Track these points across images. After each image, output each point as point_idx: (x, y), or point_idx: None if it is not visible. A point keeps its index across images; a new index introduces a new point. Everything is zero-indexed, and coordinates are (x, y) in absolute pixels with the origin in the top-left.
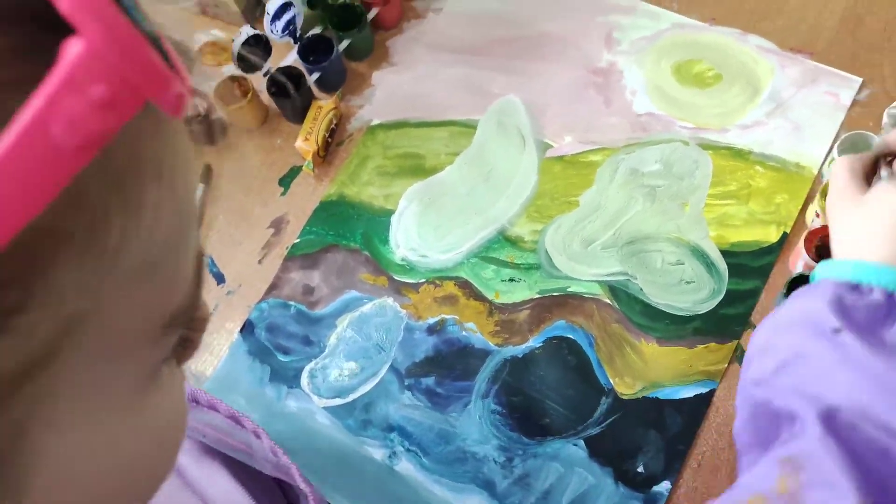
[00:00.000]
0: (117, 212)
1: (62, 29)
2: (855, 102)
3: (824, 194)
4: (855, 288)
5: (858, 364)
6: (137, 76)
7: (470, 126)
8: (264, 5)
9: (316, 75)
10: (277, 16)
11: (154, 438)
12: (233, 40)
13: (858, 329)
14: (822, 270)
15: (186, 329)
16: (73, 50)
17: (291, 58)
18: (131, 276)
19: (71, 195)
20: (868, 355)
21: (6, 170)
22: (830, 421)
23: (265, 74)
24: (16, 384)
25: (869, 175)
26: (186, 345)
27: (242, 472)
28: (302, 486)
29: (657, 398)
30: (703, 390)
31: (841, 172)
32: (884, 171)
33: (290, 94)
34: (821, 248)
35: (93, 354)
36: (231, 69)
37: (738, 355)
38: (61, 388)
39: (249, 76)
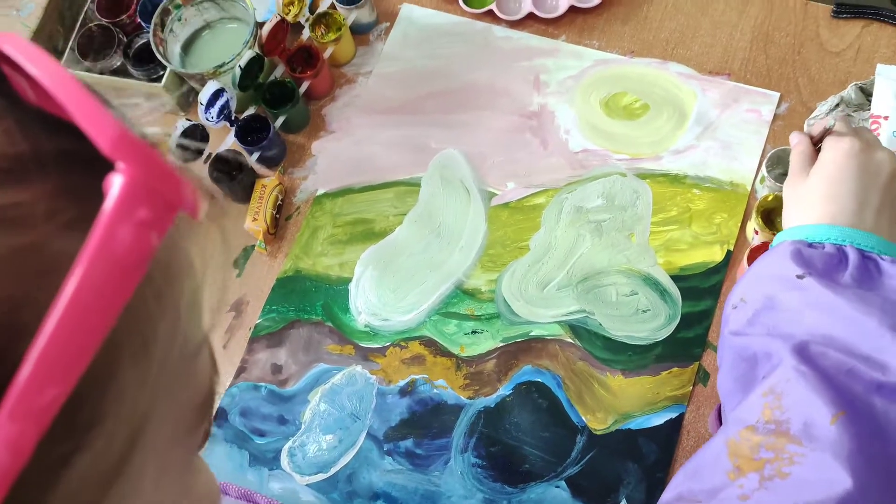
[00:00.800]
0: (161, 316)
1: (94, 165)
2: (776, 117)
3: (760, 211)
4: (809, 245)
5: (822, 303)
6: (168, 192)
7: (414, 184)
8: (197, 94)
9: (256, 154)
10: (211, 103)
11: None
12: (168, 135)
13: (819, 274)
14: (778, 238)
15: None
16: (116, 183)
17: (229, 141)
18: (175, 371)
19: (125, 309)
20: (830, 294)
21: (83, 296)
22: (803, 352)
23: (205, 161)
24: (100, 490)
25: (814, 157)
26: (204, 433)
27: None
28: None
29: (630, 429)
30: (673, 415)
31: (792, 160)
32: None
33: (233, 177)
34: None
35: (151, 451)
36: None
37: (701, 376)
38: (126, 486)
39: (189, 165)
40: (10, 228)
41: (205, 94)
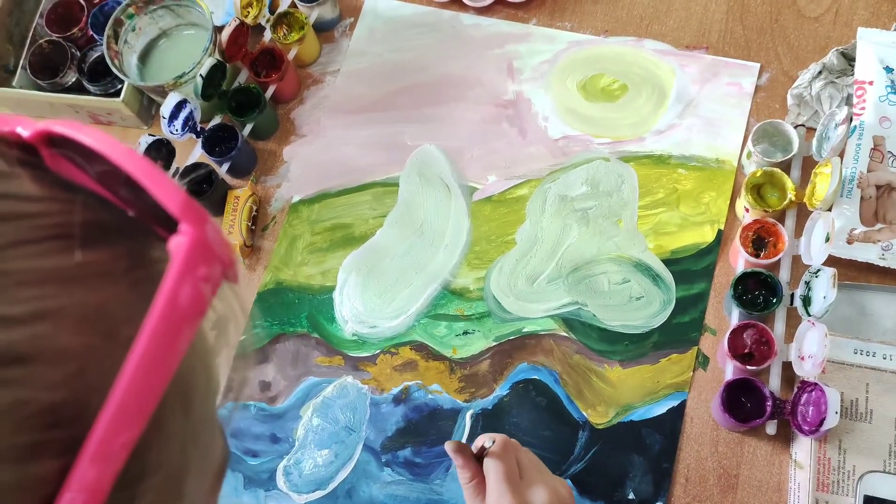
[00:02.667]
0: (200, 369)
1: (145, 232)
2: (758, 88)
3: (749, 188)
4: None
5: None
6: (220, 251)
7: (392, 184)
8: (159, 105)
9: (226, 165)
10: (174, 116)
11: None
12: None
13: None
14: None
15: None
16: (182, 244)
17: (197, 153)
18: (208, 425)
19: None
20: None
21: (153, 348)
22: None
23: (174, 176)
24: None
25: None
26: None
27: None
28: None
29: (632, 421)
30: (675, 403)
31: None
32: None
33: (203, 191)
34: (756, 240)
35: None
36: None
37: (701, 361)
38: None
39: None
40: (87, 286)
41: (167, 107)
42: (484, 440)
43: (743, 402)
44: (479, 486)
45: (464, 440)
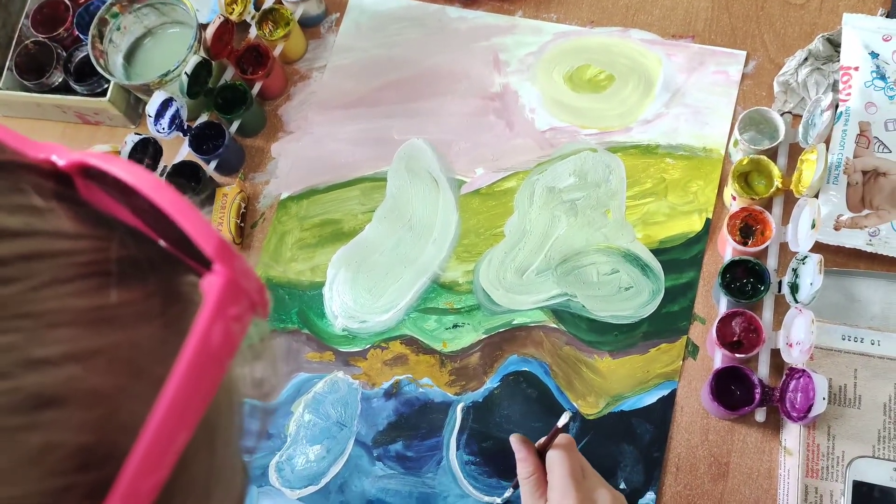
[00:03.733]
0: (226, 410)
1: (175, 269)
2: (744, 76)
3: (736, 176)
4: None
5: None
6: (250, 291)
7: (380, 179)
8: (146, 104)
9: (213, 163)
10: (160, 114)
11: None
12: (118, 152)
13: None
14: None
15: None
16: (215, 285)
17: (185, 152)
18: (230, 460)
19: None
20: None
21: (185, 388)
22: None
23: (161, 175)
24: None
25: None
26: None
27: None
28: None
29: (622, 411)
30: (665, 392)
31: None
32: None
33: (192, 189)
34: (744, 228)
35: None
36: None
37: (690, 350)
38: None
39: None
40: (120, 326)
41: (152, 106)
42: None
43: (732, 389)
44: (539, 481)
45: (454, 433)
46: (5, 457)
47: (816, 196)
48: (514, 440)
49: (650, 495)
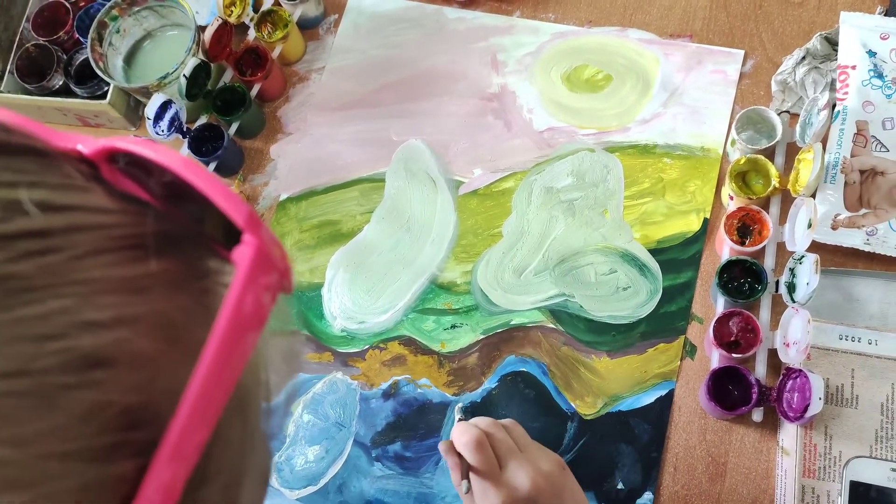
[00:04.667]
0: (256, 379)
1: (197, 243)
2: (742, 75)
3: (733, 175)
4: None
5: None
6: (279, 261)
7: (378, 180)
8: (145, 106)
9: (213, 165)
10: (159, 116)
11: None
12: None
13: None
14: None
15: None
16: (247, 255)
17: (184, 154)
18: (259, 431)
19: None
20: None
21: (222, 353)
22: None
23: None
24: None
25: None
26: None
27: None
28: None
29: (620, 411)
30: (663, 392)
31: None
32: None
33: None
34: (741, 228)
35: None
36: None
37: (688, 350)
38: None
39: None
40: (159, 294)
41: (151, 108)
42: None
43: (730, 389)
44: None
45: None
46: (62, 413)
47: (813, 196)
48: (442, 447)
49: (648, 495)
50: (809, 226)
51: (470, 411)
